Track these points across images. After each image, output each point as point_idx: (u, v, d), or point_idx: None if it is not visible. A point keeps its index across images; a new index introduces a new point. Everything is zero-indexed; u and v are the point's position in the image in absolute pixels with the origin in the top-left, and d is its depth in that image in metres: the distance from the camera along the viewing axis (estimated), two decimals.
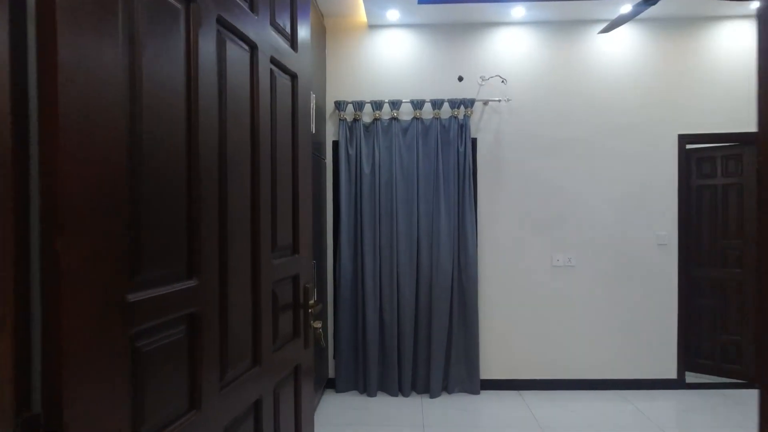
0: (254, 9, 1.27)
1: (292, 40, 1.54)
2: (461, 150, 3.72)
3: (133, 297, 0.81)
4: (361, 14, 3.79)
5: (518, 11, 3.65)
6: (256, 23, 1.26)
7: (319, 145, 3.51)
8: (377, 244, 3.71)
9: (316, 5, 3.52)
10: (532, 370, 3.84)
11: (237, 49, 1.17)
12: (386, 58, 3.87)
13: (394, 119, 3.75)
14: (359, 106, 3.76)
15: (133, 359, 0.82)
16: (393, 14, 3.67)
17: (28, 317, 0.66)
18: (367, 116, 3.83)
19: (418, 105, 3.74)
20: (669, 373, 3.82)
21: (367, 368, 3.72)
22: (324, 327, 3.71)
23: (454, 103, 3.74)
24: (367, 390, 3.74)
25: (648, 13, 3.59)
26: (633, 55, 3.82)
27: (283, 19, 1.47)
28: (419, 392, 3.76)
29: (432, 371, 3.69)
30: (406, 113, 3.82)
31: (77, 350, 0.68)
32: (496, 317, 3.86)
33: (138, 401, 0.83)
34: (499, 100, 3.83)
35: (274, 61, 1.37)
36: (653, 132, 3.82)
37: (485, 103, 3.84)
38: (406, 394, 3.72)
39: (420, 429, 3.15)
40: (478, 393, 3.73)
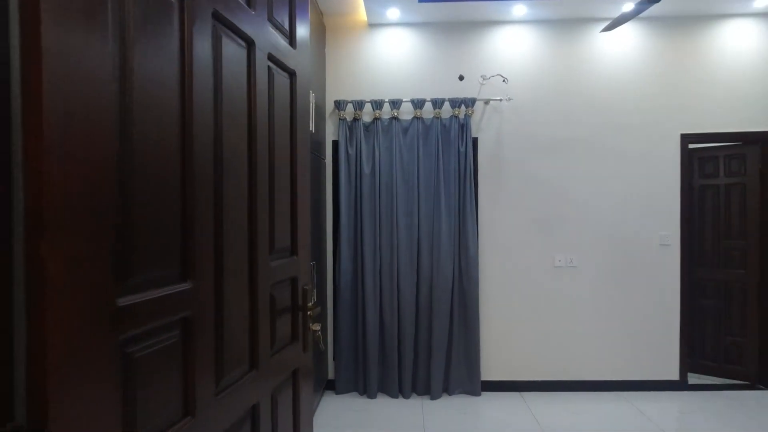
0: (251, 4, 1.24)
1: (290, 36, 1.51)
2: (462, 150, 3.69)
3: (124, 301, 0.78)
4: (361, 13, 3.76)
5: (519, 9, 3.62)
6: (253, 19, 1.23)
7: (318, 145, 3.48)
8: (377, 245, 3.68)
9: (316, 3, 3.49)
10: (533, 372, 3.81)
11: (233, 45, 1.14)
12: (386, 57, 3.84)
13: (395, 119, 3.72)
14: (359, 105, 3.73)
15: (123, 366, 0.79)
16: (393, 13, 3.64)
17: (11, 323, 0.63)
18: (367, 116, 3.80)
19: (418, 104, 3.71)
20: (671, 374, 3.79)
21: (367, 369, 3.69)
22: (324, 328, 3.68)
23: (455, 103, 3.70)
24: (367, 391, 3.71)
25: (650, 11, 3.56)
26: (635, 53, 3.79)
27: (281, 16, 1.44)
28: (420, 394, 3.73)
29: (432, 372, 3.66)
30: (406, 113, 3.79)
31: (63, 357, 0.65)
32: (497, 318, 3.83)
33: (129, 409, 0.80)
34: (500, 100, 3.79)
35: (271, 58, 1.34)
36: (655, 131, 3.79)
37: (486, 102, 3.81)
38: (406, 396, 3.69)
39: (420, 431, 3.13)
40: (479, 394, 3.70)
